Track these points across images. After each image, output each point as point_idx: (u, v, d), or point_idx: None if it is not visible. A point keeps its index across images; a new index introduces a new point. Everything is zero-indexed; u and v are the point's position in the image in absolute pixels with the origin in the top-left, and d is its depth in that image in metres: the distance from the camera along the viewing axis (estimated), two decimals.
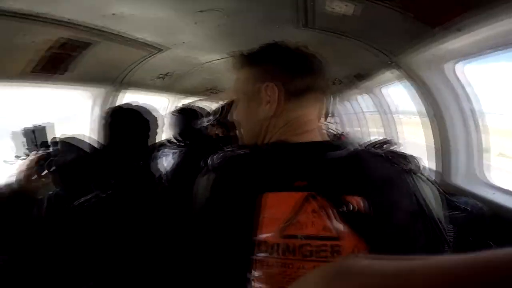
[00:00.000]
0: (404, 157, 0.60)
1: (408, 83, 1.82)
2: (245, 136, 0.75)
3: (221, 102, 2.57)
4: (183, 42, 2.06)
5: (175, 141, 1.92)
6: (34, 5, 1.20)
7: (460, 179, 1.63)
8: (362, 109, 3.61)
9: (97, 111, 2.24)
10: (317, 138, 0.67)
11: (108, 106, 2.26)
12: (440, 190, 0.62)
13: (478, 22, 1.03)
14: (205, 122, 1.90)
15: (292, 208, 0.51)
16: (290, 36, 1.87)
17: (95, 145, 1.15)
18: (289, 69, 0.66)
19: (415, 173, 0.58)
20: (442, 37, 1.23)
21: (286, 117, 0.66)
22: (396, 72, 1.85)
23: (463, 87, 1.55)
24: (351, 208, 0.50)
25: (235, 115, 0.76)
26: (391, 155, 0.61)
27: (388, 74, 2.03)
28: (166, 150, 1.78)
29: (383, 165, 0.58)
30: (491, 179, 1.58)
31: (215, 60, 2.57)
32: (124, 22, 1.59)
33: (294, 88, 0.65)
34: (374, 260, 0.20)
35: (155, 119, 1.32)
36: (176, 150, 1.76)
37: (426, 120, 1.77)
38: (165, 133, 1.79)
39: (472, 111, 1.57)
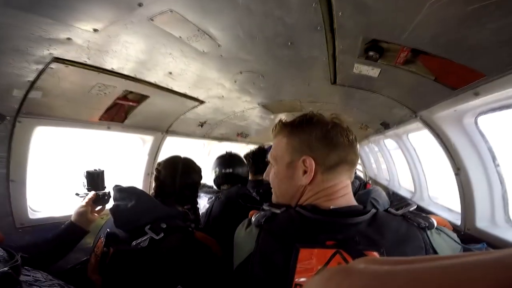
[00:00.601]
0: (421, 216, 0.69)
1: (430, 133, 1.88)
2: (279, 197, 0.83)
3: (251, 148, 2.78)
4: (223, 96, 2.37)
5: (210, 186, 2.05)
6: (108, 63, 1.48)
7: (483, 224, 1.61)
8: (387, 149, 3.63)
9: (146, 154, 2.51)
10: (347, 203, 0.75)
11: (156, 149, 2.54)
12: (457, 241, 0.69)
13: (496, 86, 1.12)
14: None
15: (323, 261, 0.62)
16: (320, 90, 2.10)
17: (148, 192, 1.26)
18: (325, 144, 0.74)
19: (429, 229, 0.66)
20: (462, 98, 1.33)
21: (320, 185, 0.75)
22: (419, 123, 1.93)
23: (485, 139, 1.60)
24: None
25: (271, 176, 0.85)
26: (410, 215, 0.69)
27: (413, 124, 2.13)
28: (202, 194, 1.90)
29: (400, 225, 0.67)
30: None
31: (248, 109, 2.86)
32: (175, 80, 1.89)
33: (329, 162, 0.74)
34: (370, 263, 0.20)
35: (200, 168, 1.47)
36: (211, 196, 1.85)
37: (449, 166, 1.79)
38: None
39: (494, 160, 1.59)
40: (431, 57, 1.15)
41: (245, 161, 2.16)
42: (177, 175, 1.33)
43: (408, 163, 2.85)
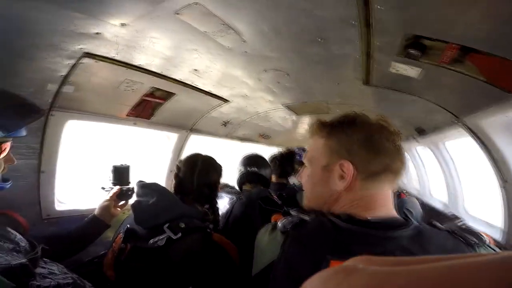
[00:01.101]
0: (469, 232, 0.63)
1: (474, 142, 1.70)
2: (311, 200, 0.76)
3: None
4: (247, 95, 2.34)
5: (232, 186, 2.01)
6: (136, 58, 1.49)
7: None
8: (420, 156, 3.36)
9: (171, 151, 2.54)
10: (387, 214, 0.66)
11: (180, 147, 2.57)
12: None
13: None
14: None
15: None
16: (350, 91, 1.98)
17: (170, 190, 1.23)
18: (368, 148, 0.66)
19: (478, 246, 0.60)
20: None
21: (357, 193, 0.67)
22: (461, 130, 1.75)
23: None
24: None
25: (304, 178, 0.78)
26: (456, 230, 0.63)
27: (453, 130, 1.94)
28: (224, 194, 1.86)
29: (446, 240, 0.61)
30: None
31: (272, 110, 2.80)
32: (201, 77, 1.89)
33: (371, 169, 0.66)
34: (369, 263, 0.21)
35: (221, 167, 1.43)
36: (232, 196, 1.82)
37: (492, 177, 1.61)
38: None
39: None
40: (483, 55, 1.00)
41: (269, 163, 2.11)
42: (195, 173, 1.30)
43: (443, 172, 2.60)
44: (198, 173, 1.30)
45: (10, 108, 0.91)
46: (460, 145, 2.29)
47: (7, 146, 0.94)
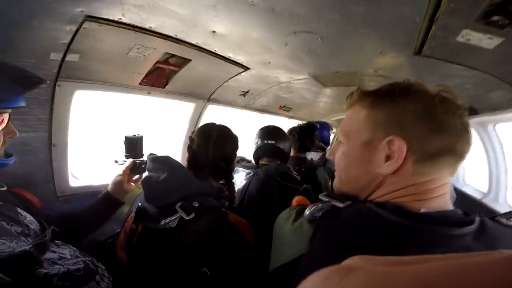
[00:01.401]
0: None
1: None
2: (344, 183, 0.63)
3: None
4: (269, 62, 2.08)
5: (249, 160, 1.94)
6: (146, 20, 1.30)
7: None
8: None
9: (187, 122, 2.41)
10: (442, 206, 0.53)
11: (197, 117, 2.44)
12: None
13: None
14: None
15: None
16: (395, 62, 1.69)
17: (184, 165, 1.15)
18: (427, 123, 0.52)
19: None
20: None
21: (408, 179, 0.53)
22: None
23: None
24: None
25: (337, 156, 0.64)
26: None
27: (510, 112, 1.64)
28: (240, 168, 1.79)
29: None
30: None
31: (296, 80, 2.53)
32: (219, 40, 1.66)
33: (428, 149, 0.52)
34: (367, 263, 0.23)
35: (238, 138, 1.31)
36: (249, 171, 1.74)
37: None
38: None
39: None
40: None
41: (288, 136, 1.97)
42: (210, 145, 1.17)
43: (488, 158, 2.33)
44: (213, 145, 1.18)
45: (3, 77, 0.81)
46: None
47: (5, 117, 0.86)
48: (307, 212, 0.56)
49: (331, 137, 3.58)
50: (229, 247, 0.97)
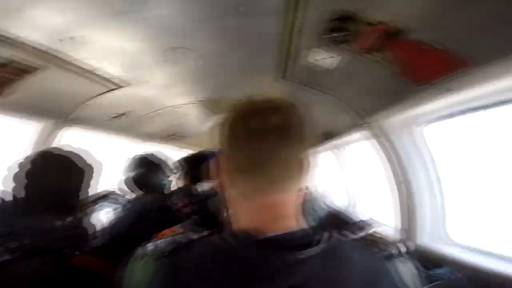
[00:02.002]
0: (384, 242, 0.55)
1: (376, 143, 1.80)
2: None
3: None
4: (147, 81, 1.90)
5: (119, 194, 1.71)
6: None
7: (426, 239, 1.60)
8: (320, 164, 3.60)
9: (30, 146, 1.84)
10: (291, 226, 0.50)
11: (44, 142, 1.87)
12: (418, 266, 0.60)
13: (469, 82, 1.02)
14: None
15: None
16: (265, 86, 1.84)
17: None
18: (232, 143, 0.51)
19: (397, 258, 0.54)
20: (423, 97, 1.20)
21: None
22: (366, 132, 1.83)
23: (429, 150, 1.58)
24: None
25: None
26: (372, 239, 0.55)
27: (358, 134, 2.03)
28: (105, 204, 1.56)
29: (364, 256, 0.50)
30: (456, 238, 1.57)
31: (182, 104, 2.42)
32: (82, 48, 1.39)
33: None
34: None
35: (90, 168, 1.06)
36: (117, 206, 1.57)
37: (391, 178, 1.75)
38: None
39: (435, 171, 1.59)
40: (405, 42, 0.96)
41: (161, 164, 1.85)
42: (48, 175, 0.95)
43: (344, 176, 2.84)
44: (52, 176, 0.94)
45: None
46: (363, 148, 2.49)
47: None
48: (150, 246, 0.49)
49: None
50: None
